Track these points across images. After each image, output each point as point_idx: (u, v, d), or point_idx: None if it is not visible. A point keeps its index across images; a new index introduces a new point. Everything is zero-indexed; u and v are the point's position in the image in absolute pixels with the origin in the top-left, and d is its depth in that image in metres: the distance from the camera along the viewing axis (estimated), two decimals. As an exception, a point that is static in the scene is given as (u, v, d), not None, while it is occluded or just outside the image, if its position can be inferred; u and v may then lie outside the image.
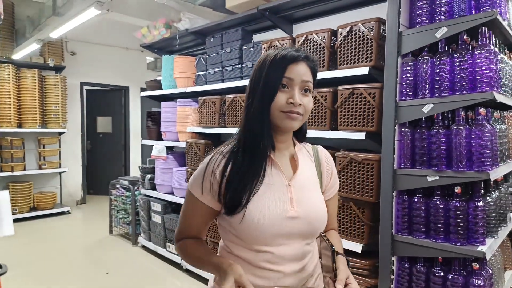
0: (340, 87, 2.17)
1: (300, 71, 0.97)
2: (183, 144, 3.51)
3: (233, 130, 1.56)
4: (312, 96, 1.07)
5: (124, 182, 4.58)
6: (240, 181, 0.95)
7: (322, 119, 2.27)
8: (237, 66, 3.04)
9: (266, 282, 0.97)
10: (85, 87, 6.92)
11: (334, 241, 1.07)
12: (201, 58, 3.42)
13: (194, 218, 1.04)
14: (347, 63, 2.16)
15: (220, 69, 3.20)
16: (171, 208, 3.87)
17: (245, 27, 3.13)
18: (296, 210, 0.98)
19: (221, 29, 3.29)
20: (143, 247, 4.25)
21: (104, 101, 7.42)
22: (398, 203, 1.90)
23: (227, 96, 3.06)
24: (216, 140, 3.36)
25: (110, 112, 7.40)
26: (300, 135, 1.11)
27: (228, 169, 0.97)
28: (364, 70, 2.04)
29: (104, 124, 7.46)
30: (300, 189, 1.02)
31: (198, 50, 3.92)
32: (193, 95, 3.63)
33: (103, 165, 7.38)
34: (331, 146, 2.43)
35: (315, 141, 2.42)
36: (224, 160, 0.99)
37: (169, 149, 4.01)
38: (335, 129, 2.23)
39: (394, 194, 1.90)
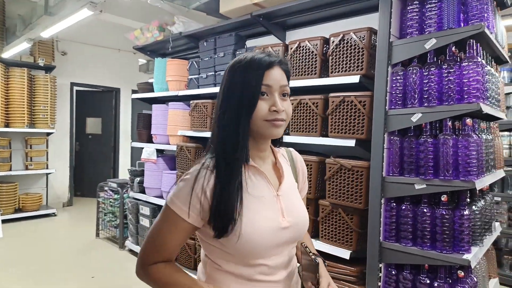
0: (331, 94, 2.19)
1: (277, 77, 0.94)
2: (174, 148, 3.49)
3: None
4: (304, 103, 1.08)
5: (113, 185, 4.53)
6: (228, 199, 0.90)
7: (313, 125, 2.28)
8: (230, 71, 3.04)
9: None
10: (75, 88, 6.85)
11: (307, 243, 1.11)
12: (194, 62, 3.42)
13: (173, 238, 0.94)
14: (338, 71, 2.19)
15: (213, 73, 3.20)
16: (160, 211, 3.84)
17: (239, 32, 3.14)
18: (287, 220, 0.97)
19: (214, 34, 3.30)
20: (130, 251, 4.20)
21: (94, 102, 7.35)
22: (386, 210, 1.92)
23: (219, 100, 3.06)
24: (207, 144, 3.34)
25: (100, 113, 7.32)
26: (277, 140, 1.10)
27: (218, 187, 0.91)
28: (355, 79, 2.06)
29: (93, 125, 7.38)
30: (287, 197, 1.02)
31: (191, 53, 3.92)
32: (185, 99, 3.62)
33: (91, 166, 7.29)
34: (322, 152, 2.45)
35: (306, 147, 2.45)
36: (213, 176, 0.92)
37: (160, 152, 3.98)
38: (326, 136, 2.25)
39: (382, 201, 1.92)
